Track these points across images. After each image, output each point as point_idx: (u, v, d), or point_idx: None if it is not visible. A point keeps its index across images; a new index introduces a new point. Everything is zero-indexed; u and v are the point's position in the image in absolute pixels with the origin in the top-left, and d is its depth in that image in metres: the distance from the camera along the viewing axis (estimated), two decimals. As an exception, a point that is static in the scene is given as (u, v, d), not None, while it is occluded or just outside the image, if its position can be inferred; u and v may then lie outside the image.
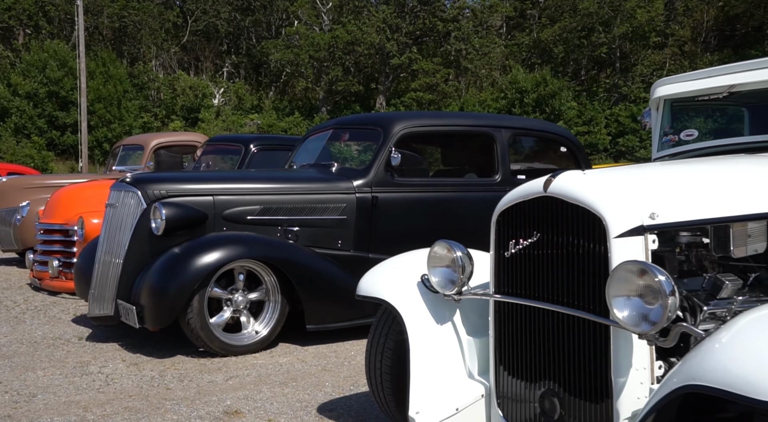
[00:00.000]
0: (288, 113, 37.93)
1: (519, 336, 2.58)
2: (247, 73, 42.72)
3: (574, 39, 31.22)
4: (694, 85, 3.53)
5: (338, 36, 34.80)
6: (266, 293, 4.76)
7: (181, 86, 38.14)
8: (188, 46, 41.94)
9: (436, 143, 6.39)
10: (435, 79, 34.82)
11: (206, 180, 5.08)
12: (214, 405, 3.55)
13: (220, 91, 39.45)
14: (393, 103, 36.08)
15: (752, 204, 2.50)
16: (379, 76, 36.91)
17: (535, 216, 2.51)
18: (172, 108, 37.86)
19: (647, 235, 2.28)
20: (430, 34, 35.86)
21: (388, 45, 34.52)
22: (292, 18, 39.18)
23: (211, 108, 38.12)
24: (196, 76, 41.09)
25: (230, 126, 37.06)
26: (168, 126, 36.40)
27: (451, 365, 2.84)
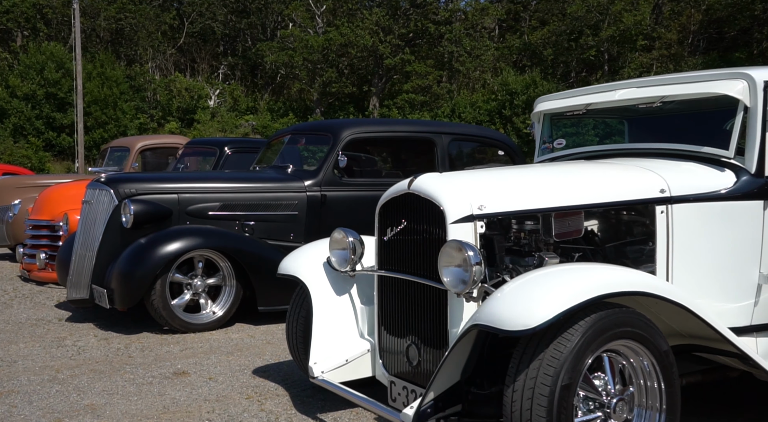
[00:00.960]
0: (282, 114, 38.65)
1: (394, 303, 3.30)
2: (243, 74, 43.44)
3: (563, 42, 31.91)
4: (563, 103, 4.24)
5: (332, 38, 35.50)
6: (223, 279, 5.48)
7: (177, 88, 38.84)
8: (185, 47, 42.67)
9: (383, 147, 7.11)
10: (427, 80, 35.49)
11: (172, 180, 5.81)
12: (166, 368, 4.27)
13: (215, 93, 40.17)
14: (386, 105, 36.78)
15: (569, 198, 3.21)
16: (373, 77, 37.61)
17: (402, 208, 3.23)
18: (169, 109, 38.54)
19: (476, 222, 2.99)
20: (423, 37, 36.54)
21: (381, 47, 35.22)
22: (287, 20, 39.91)
23: (206, 109, 38.81)
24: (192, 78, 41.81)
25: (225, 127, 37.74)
26: (164, 127, 37.08)
27: (345, 327, 3.57)
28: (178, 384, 3.98)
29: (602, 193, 3.31)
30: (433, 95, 35.95)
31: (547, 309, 2.45)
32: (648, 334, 2.66)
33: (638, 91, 3.81)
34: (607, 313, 2.58)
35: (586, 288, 2.55)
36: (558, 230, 3.27)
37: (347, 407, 3.56)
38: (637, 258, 3.41)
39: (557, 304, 2.47)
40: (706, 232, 3.32)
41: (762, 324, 3.43)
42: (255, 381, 4.06)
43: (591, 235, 3.54)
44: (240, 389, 3.89)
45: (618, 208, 3.44)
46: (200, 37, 42.67)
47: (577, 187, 3.32)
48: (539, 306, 2.47)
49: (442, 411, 2.86)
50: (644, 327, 2.66)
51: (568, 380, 2.45)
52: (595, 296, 2.53)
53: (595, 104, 4.02)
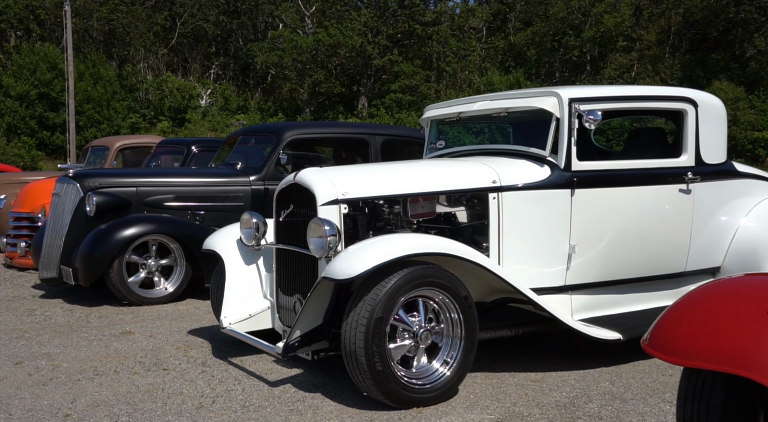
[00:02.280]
0: (272, 114, 39.61)
1: (286, 269, 4.29)
2: (235, 74, 44.38)
3: (546, 43, 32.87)
4: (442, 111, 5.21)
5: (320, 40, 36.47)
6: (174, 260, 6.46)
7: (169, 87, 39.76)
8: (177, 47, 43.59)
9: (325, 146, 8.09)
10: (414, 80, 36.44)
11: (131, 175, 6.80)
12: (116, 329, 5.26)
13: (207, 93, 41.10)
14: (375, 104, 37.77)
15: (420, 186, 4.20)
16: (361, 77, 38.57)
17: (290, 196, 4.23)
18: (160, 109, 39.45)
19: (340, 205, 3.98)
20: (411, 37, 37.49)
21: (369, 48, 36.19)
22: (277, 21, 40.86)
23: (198, 109, 39.73)
24: (183, 78, 42.73)
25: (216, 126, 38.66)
26: (156, 126, 38.00)
27: (251, 289, 4.56)
28: (123, 339, 4.97)
29: (447, 182, 4.31)
30: (420, 95, 36.90)
31: (364, 264, 3.45)
32: (449, 284, 3.65)
33: (490, 103, 4.80)
34: (415, 268, 3.57)
35: (396, 250, 3.54)
36: (412, 211, 4.27)
37: (253, 353, 4.54)
38: (478, 234, 4.40)
39: (372, 260, 3.46)
40: (528, 214, 4.30)
41: (574, 285, 4.42)
42: (187, 337, 5.04)
43: (445, 216, 4.53)
44: (173, 343, 4.87)
45: (461, 195, 4.43)
46: (193, 38, 43.60)
47: (427, 177, 4.32)
48: (359, 262, 3.46)
49: (308, 346, 3.85)
50: (446, 279, 3.65)
51: (381, 314, 3.43)
52: (402, 255, 3.52)
53: (464, 113, 5.00)
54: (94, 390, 3.85)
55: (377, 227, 4.27)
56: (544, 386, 3.89)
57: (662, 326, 2.34)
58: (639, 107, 4.79)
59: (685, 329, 2.26)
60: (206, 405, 3.61)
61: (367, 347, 3.41)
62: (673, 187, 4.61)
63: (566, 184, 4.32)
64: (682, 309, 2.35)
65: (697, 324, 2.25)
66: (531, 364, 4.30)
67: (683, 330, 2.26)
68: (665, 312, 2.38)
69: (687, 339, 2.22)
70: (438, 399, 3.60)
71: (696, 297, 2.36)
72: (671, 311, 2.37)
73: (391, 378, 3.46)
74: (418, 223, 4.42)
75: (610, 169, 4.48)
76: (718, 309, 2.25)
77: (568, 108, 4.28)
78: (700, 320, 2.25)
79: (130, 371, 4.20)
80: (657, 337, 2.33)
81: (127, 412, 3.49)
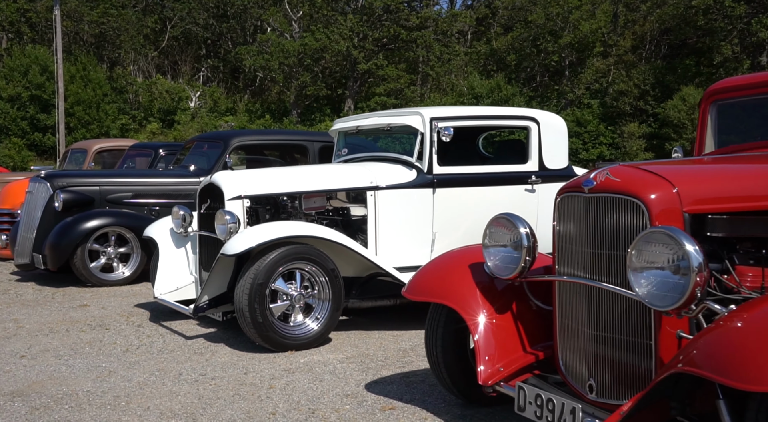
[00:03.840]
0: (260, 116, 40.75)
1: (206, 250, 5.47)
2: (225, 76, 45.51)
3: (525, 48, 34.08)
4: (345, 125, 6.38)
5: (307, 44, 37.66)
6: (131, 248, 7.63)
7: (159, 90, 40.87)
8: (167, 50, 44.72)
9: (270, 152, 9.27)
10: (399, 84, 37.61)
11: (94, 175, 8.00)
12: (75, 303, 6.43)
13: (196, 95, 42.23)
14: (360, 107, 38.96)
15: (311, 185, 5.39)
16: (347, 81, 39.77)
17: (208, 193, 5.41)
18: (150, 110, 40.55)
19: (243, 200, 5.16)
20: (396, 42, 38.68)
21: (355, 52, 37.40)
22: (266, 25, 42.03)
23: (187, 110, 40.84)
24: (173, 80, 43.85)
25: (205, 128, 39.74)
26: (145, 128, 39.09)
27: (179, 268, 5.74)
28: (79, 310, 6.15)
29: (333, 183, 5.52)
30: (404, 98, 38.10)
31: (247, 243, 4.63)
32: (319, 259, 4.84)
33: (377, 120, 5.99)
34: (291, 247, 4.76)
35: (273, 233, 4.74)
36: (306, 205, 5.47)
37: (183, 318, 5.71)
38: (360, 224, 5.58)
39: (253, 241, 4.65)
40: (399, 208, 5.48)
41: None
42: (132, 308, 6.22)
43: (336, 210, 5.72)
44: (120, 312, 6.05)
45: (346, 193, 5.61)
46: (183, 41, 44.74)
47: (318, 179, 5.52)
48: (244, 242, 4.65)
49: (215, 308, 5.03)
50: (316, 255, 4.83)
51: (262, 280, 4.61)
52: (276, 237, 4.71)
53: (361, 126, 6.17)
54: (47, 342, 5.03)
55: (280, 217, 5.46)
56: (399, 339, 5.07)
57: (414, 278, 3.55)
58: (490, 124, 5.99)
59: (422, 278, 3.47)
60: (131, 350, 4.79)
61: (251, 305, 4.59)
62: (519, 187, 5.80)
63: (429, 184, 5.51)
64: (426, 267, 3.57)
65: (428, 274, 3.47)
66: (403, 325, 5.46)
67: (422, 279, 3.47)
68: (418, 270, 3.59)
69: (422, 284, 3.44)
70: (309, 346, 4.79)
71: (434, 260, 3.57)
72: (421, 269, 3.58)
73: (270, 329, 4.64)
74: (313, 215, 5.60)
75: (465, 173, 5.66)
76: (441, 265, 3.47)
77: (429, 124, 5.46)
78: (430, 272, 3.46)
79: (78, 330, 5.38)
80: (409, 285, 3.54)
81: (69, 354, 4.67)
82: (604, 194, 2.83)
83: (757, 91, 3.82)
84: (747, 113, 3.96)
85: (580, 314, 2.96)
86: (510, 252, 3.27)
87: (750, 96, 3.85)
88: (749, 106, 3.91)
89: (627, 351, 2.75)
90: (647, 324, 2.69)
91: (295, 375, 4.20)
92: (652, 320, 2.67)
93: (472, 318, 3.28)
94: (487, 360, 3.17)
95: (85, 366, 4.41)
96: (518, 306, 3.35)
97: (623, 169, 2.86)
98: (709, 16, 27.77)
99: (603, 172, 2.89)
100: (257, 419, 3.47)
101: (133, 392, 3.89)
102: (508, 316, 3.32)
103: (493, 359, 3.18)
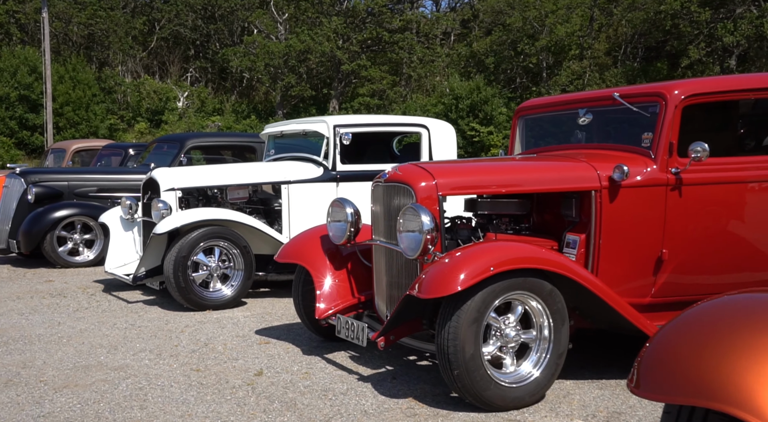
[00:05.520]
0: (246, 116, 42.00)
1: (148, 232, 6.73)
2: (213, 77, 46.74)
3: (503, 51, 35.37)
4: (273, 129, 7.63)
5: (292, 45, 38.93)
6: (95, 234, 8.89)
7: (147, 90, 42.08)
8: (156, 51, 45.92)
9: (225, 152, 10.54)
10: (381, 85, 38.89)
11: (64, 172, 9.25)
12: (43, 280, 7.69)
13: (184, 95, 43.44)
14: (344, 107, 40.25)
15: (235, 178, 6.65)
16: (332, 81, 41.04)
17: (149, 186, 6.68)
18: (138, 110, 41.73)
19: (175, 191, 6.43)
20: (379, 44, 39.97)
21: (339, 53, 38.69)
22: (252, 27, 43.28)
23: (175, 111, 42.04)
24: (161, 81, 45.05)
25: (192, 128, 40.94)
26: (134, 127, 40.27)
27: (127, 247, 6.99)
28: (45, 284, 7.40)
29: (254, 177, 6.77)
30: (387, 99, 39.39)
31: (171, 225, 5.88)
32: (233, 238, 6.09)
33: (296, 126, 7.24)
34: (210, 228, 6.00)
35: (191, 218, 5.98)
36: (230, 196, 6.75)
37: (130, 289, 6.96)
38: (277, 214, 6.83)
39: (176, 223, 5.90)
40: (307, 199, 6.74)
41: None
42: (91, 283, 7.47)
43: (259, 200, 6.98)
44: (80, 286, 7.30)
45: (265, 186, 6.87)
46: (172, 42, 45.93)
47: (241, 174, 6.78)
48: (169, 223, 5.90)
49: (151, 277, 6.28)
50: (231, 234, 6.08)
51: (184, 254, 5.86)
52: (194, 221, 5.95)
53: (284, 131, 7.42)
54: (12, 304, 6.29)
55: (210, 205, 6.72)
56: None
57: (282, 247, 4.82)
58: (386, 130, 7.26)
59: (287, 246, 4.74)
60: (81, 310, 6.05)
61: (176, 273, 5.85)
62: (411, 181, 7.05)
63: (332, 179, 6.77)
64: (292, 239, 4.83)
65: (291, 243, 4.74)
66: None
67: (286, 247, 4.75)
68: (287, 241, 4.86)
69: (286, 250, 4.71)
70: (225, 307, 6.05)
71: (299, 234, 4.84)
72: (289, 240, 4.85)
73: (191, 292, 5.90)
74: (238, 204, 6.87)
75: (363, 170, 6.91)
76: (301, 236, 4.74)
77: (333, 130, 6.72)
78: (293, 242, 4.74)
79: (41, 297, 6.65)
80: (279, 252, 4.81)
81: (29, 312, 5.93)
82: (391, 183, 4.10)
83: (551, 110, 5.09)
84: (544, 126, 5.23)
85: (383, 267, 4.24)
86: (342, 225, 4.54)
87: (546, 113, 5.13)
88: (545, 120, 5.18)
89: (405, 289, 4.01)
90: (416, 271, 3.95)
91: (204, 325, 5.46)
92: (417, 268, 3.94)
93: (316, 272, 4.56)
94: (322, 302, 4.45)
95: (41, 320, 5.68)
96: (352, 265, 4.63)
97: (405, 166, 4.13)
98: (676, 21, 29.06)
99: (394, 168, 4.16)
100: (164, 349, 4.73)
101: (74, 335, 5.16)
102: (343, 272, 4.59)
103: (326, 301, 4.46)
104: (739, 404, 1.73)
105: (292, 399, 3.71)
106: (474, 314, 3.40)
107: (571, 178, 4.08)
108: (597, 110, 4.58)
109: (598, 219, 4.03)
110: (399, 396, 3.76)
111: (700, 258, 4.12)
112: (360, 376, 4.11)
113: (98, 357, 4.55)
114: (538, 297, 3.56)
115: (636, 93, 4.28)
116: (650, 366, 1.97)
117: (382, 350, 3.84)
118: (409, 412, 3.52)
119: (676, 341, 1.98)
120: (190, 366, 4.35)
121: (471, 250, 3.57)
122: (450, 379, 3.46)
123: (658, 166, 4.03)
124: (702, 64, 29.17)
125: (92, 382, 4.02)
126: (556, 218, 4.34)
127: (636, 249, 4.08)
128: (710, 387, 1.80)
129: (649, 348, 2.02)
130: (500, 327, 3.57)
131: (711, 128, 4.47)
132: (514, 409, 3.50)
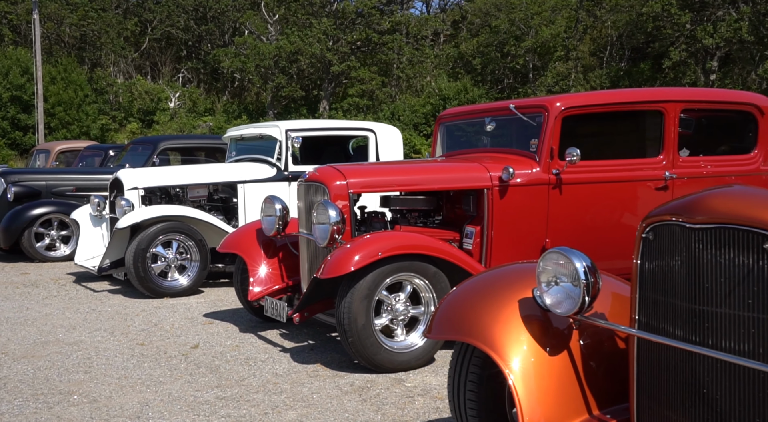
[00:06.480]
0: (237, 116, 42.64)
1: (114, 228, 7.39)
2: (205, 77, 47.37)
3: (490, 52, 36.06)
4: (233, 133, 8.28)
5: (282, 46, 39.60)
6: (71, 231, 9.53)
7: (139, 90, 42.68)
8: (148, 52, 46.55)
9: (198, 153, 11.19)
10: (371, 85, 39.55)
11: (42, 172, 9.91)
12: (20, 272, 8.33)
13: (175, 95, 44.06)
14: (334, 108, 40.93)
15: (194, 178, 7.31)
16: (322, 82, 41.70)
17: (114, 185, 7.33)
18: (130, 111, 42.32)
19: (138, 190, 7.09)
20: (368, 45, 40.64)
21: (329, 54, 39.37)
22: (243, 28, 43.94)
23: (166, 111, 42.67)
24: (153, 81, 45.67)
25: (183, 128, 41.55)
26: (125, 128, 40.88)
27: (96, 241, 7.65)
28: (21, 276, 8.05)
29: (212, 177, 7.43)
30: (377, 99, 40.06)
31: (131, 220, 6.53)
32: (189, 232, 6.74)
33: (253, 130, 7.90)
34: (168, 223, 6.65)
35: (152, 213, 6.62)
36: (191, 194, 7.40)
37: (99, 280, 7.60)
38: (233, 210, 7.48)
39: (136, 218, 6.54)
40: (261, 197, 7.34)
41: (290, 240, 7.52)
42: (64, 275, 8.12)
43: (219, 198, 7.63)
44: (53, 278, 7.94)
45: (224, 185, 7.53)
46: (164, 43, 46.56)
47: (201, 174, 7.43)
48: (130, 218, 6.55)
49: (115, 269, 6.93)
50: (187, 229, 6.74)
51: (144, 246, 6.50)
52: (155, 216, 6.60)
53: (244, 135, 8.07)
54: (-10, 293, 6.95)
55: (172, 203, 7.37)
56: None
57: (225, 239, 5.48)
58: (336, 134, 7.91)
59: (229, 238, 5.40)
60: (50, 298, 6.70)
61: (135, 264, 6.50)
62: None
63: (284, 179, 7.42)
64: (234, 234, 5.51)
65: (235, 238, 5.40)
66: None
67: (228, 239, 5.41)
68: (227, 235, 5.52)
69: (227, 242, 5.37)
70: (181, 295, 6.70)
71: (237, 229, 5.51)
72: (230, 233, 5.51)
73: (150, 281, 6.56)
74: (199, 202, 7.52)
75: (312, 169, 7.55)
76: (242, 230, 5.40)
77: (285, 134, 7.37)
78: (238, 237, 5.40)
79: (15, 287, 7.30)
80: (223, 242, 5.46)
81: (1, 300, 6.57)
82: (310, 182, 4.76)
83: (465, 117, 5.75)
84: (459, 132, 5.88)
85: (305, 254, 4.89)
86: (272, 219, 5.20)
87: (461, 120, 5.79)
88: (461, 127, 5.84)
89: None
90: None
91: (159, 309, 6.12)
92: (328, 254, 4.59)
93: (250, 261, 5.22)
94: (254, 286, 5.11)
95: (11, 305, 6.33)
96: (283, 254, 5.29)
97: (323, 168, 4.79)
98: (658, 23, 29.75)
99: (315, 169, 4.82)
100: (117, 329, 5.38)
101: (39, 318, 5.81)
102: (275, 260, 5.26)
103: (259, 285, 5.12)
104: (482, 339, 2.41)
105: (217, 366, 4.37)
106: (365, 291, 4.06)
107: (467, 178, 4.74)
108: (499, 119, 5.24)
109: (490, 214, 4.69)
110: (309, 362, 4.42)
111: (577, 245, 4.75)
112: (282, 348, 4.77)
113: (57, 335, 5.20)
114: (424, 277, 4.22)
115: (526, 105, 4.95)
116: (438, 318, 2.66)
117: (297, 324, 4.50)
118: (314, 374, 4.17)
119: (456, 299, 2.66)
120: (136, 341, 5.00)
121: (366, 239, 4.23)
122: (346, 345, 4.12)
123: (542, 168, 4.70)
124: (684, 66, 29.87)
125: (47, 354, 4.68)
126: (459, 213, 5.00)
127: (523, 239, 4.74)
128: (470, 328, 2.48)
129: (440, 306, 2.70)
130: (391, 303, 4.23)
131: (587, 135, 5.13)
132: (402, 371, 4.16)
